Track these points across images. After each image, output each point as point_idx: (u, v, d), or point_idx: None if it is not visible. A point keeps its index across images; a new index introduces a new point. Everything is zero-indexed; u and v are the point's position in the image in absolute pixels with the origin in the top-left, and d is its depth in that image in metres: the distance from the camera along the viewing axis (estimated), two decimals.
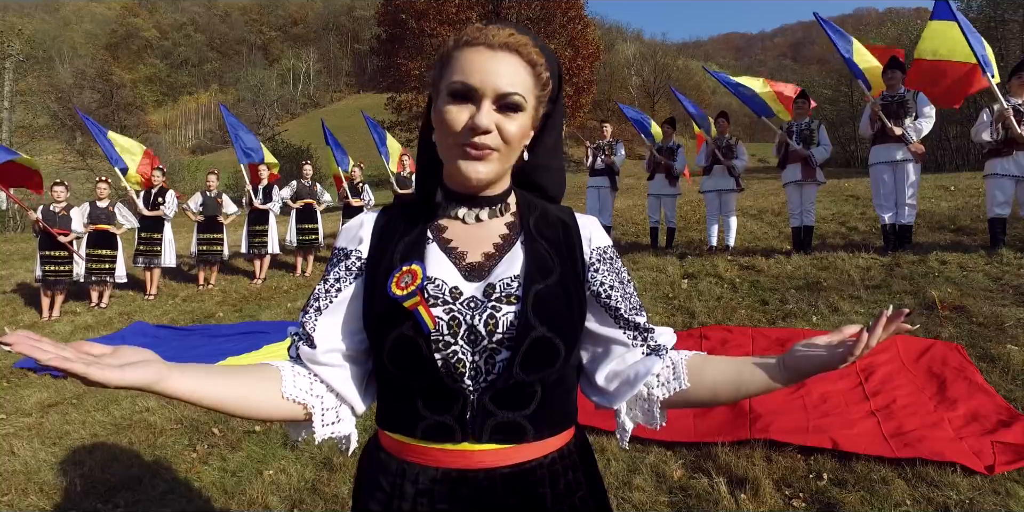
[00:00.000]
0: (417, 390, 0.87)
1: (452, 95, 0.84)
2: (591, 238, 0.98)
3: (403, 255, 0.91)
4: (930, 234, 6.70)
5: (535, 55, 0.86)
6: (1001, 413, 2.91)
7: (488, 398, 0.86)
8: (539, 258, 0.91)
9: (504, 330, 0.85)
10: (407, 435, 0.89)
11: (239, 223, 9.10)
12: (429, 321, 0.84)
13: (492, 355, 0.85)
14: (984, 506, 2.31)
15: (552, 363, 0.87)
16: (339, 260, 0.95)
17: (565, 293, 0.90)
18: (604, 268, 0.96)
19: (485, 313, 0.85)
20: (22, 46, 30.33)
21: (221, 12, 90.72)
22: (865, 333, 0.82)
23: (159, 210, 7.96)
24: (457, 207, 0.94)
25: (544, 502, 0.89)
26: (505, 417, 0.86)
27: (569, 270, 0.93)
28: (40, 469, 3.28)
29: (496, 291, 0.87)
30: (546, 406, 0.89)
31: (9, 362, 5.42)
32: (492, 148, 0.84)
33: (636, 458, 2.87)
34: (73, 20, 78.41)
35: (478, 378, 0.85)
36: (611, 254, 0.99)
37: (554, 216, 0.99)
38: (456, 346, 0.85)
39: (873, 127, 6.11)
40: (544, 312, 0.86)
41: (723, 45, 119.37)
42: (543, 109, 0.92)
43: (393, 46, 27.19)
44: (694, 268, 6.22)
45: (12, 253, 12.34)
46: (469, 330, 0.85)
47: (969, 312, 4.21)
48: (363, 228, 0.96)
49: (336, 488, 2.84)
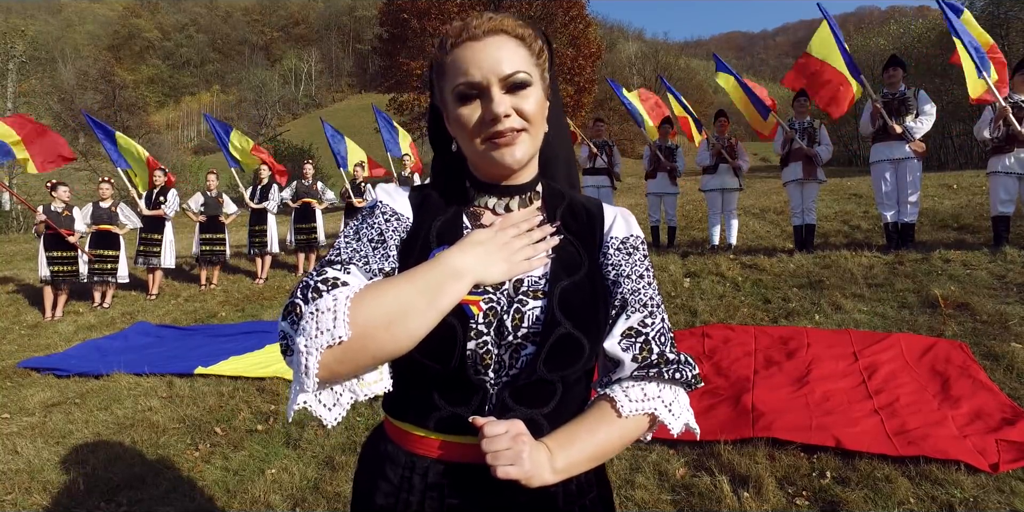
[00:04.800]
0: (436, 379, 0.85)
1: (460, 98, 0.84)
2: (611, 228, 0.95)
3: (439, 235, 0.89)
4: (933, 232, 6.68)
5: (519, 29, 0.86)
6: (1005, 411, 2.90)
7: (508, 393, 0.84)
8: (567, 253, 0.90)
9: (530, 325, 0.84)
10: (419, 426, 0.87)
11: (241, 223, 9.12)
12: (475, 307, 0.82)
13: (517, 350, 0.84)
14: (988, 504, 2.30)
15: (576, 361, 0.85)
16: (387, 218, 0.89)
17: (592, 288, 0.88)
18: (618, 258, 0.92)
19: (512, 307, 0.84)
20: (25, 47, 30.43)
21: (223, 13, 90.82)
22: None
23: (159, 209, 7.98)
24: (486, 196, 0.93)
25: (556, 502, 0.87)
26: (523, 414, 0.84)
27: (595, 263, 0.91)
28: (43, 468, 3.28)
29: (524, 285, 0.86)
30: (564, 405, 0.87)
31: (12, 362, 5.43)
32: (518, 129, 0.84)
33: (638, 456, 2.87)
34: (75, 21, 78.56)
35: (500, 372, 0.84)
36: (632, 245, 0.94)
37: (580, 206, 0.97)
38: (487, 337, 0.83)
39: (874, 125, 6.09)
40: (570, 308, 0.84)
41: (725, 44, 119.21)
42: (548, 75, 0.91)
43: (395, 46, 27.17)
44: (696, 267, 6.21)
45: (15, 253, 12.38)
46: (500, 322, 0.84)
47: (973, 310, 4.20)
48: (401, 195, 0.94)
49: (338, 487, 2.84)
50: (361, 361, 0.75)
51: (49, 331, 6.61)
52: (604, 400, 0.86)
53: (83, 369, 4.90)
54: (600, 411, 0.85)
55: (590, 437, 0.82)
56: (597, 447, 0.82)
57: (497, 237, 0.86)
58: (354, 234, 0.87)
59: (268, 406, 3.91)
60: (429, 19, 24.48)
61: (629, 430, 0.85)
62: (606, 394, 0.87)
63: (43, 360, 5.36)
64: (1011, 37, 21.54)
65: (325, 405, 0.77)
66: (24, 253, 11.94)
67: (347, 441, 3.30)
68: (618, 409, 0.83)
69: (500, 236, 0.86)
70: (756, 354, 3.86)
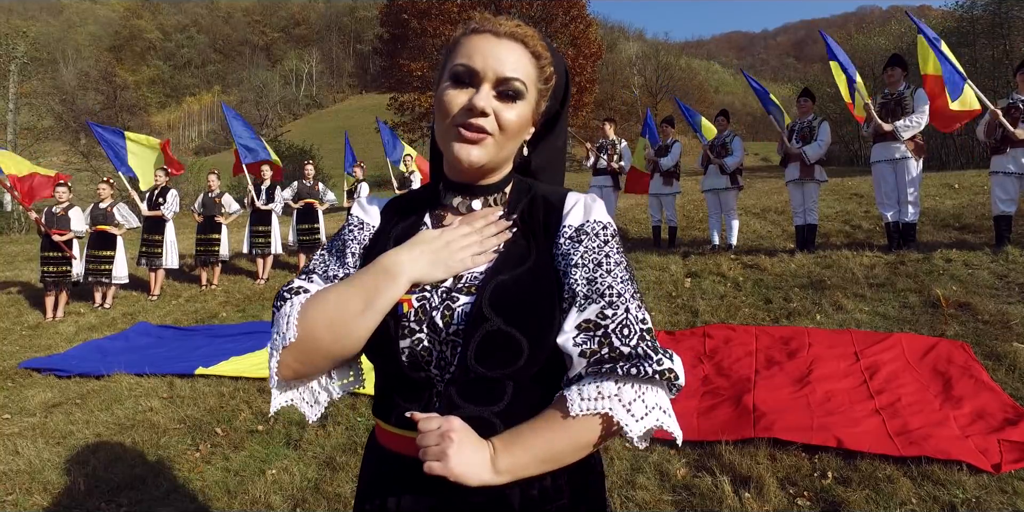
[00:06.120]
0: (389, 377, 0.88)
1: (454, 78, 0.85)
2: (566, 216, 0.89)
3: (397, 238, 0.92)
4: (935, 232, 6.67)
5: (540, 48, 0.88)
6: (1007, 411, 2.90)
7: (455, 391, 0.83)
8: (516, 247, 0.88)
9: (457, 321, 0.82)
10: (385, 422, 0.89)
11: (241, 223, 9.11)
12: (406, 305, 0.84)
13: (453, 347, 0.83)
14: (991, 505, 2.29)
15: (514, 359, 0.80)
16: (351, 228, 0.98)
17: (535, 282, 0.83)
18: (569, 246, 0.86)
19: (443, 304, 0.83)
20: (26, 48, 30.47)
21: (224, 13, 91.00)
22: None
23: (159, 210, 7.98)
24: (453, 196, 0.95)
25: (509, 502, 0.83)
26: (472, 411, 0.81)
27: (546, 256, 0.87)
28: (44, 468, 3.28)
29: (461, 281, 0.85)
30: (519, 404, 0.82)
31: (13, 362, 5.44)
32: (487, 132, 0.84)
33: (639, 457, 2.86)
34: (77, 22, 78.71)
35: (444, 369, 0.83)
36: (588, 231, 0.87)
37: (541, 199, 0.93)
38: (421, 334, 0.83)
39: (870, 125, 6.10)
40: (502, 303, 0.81)
41: (725, 44, 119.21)
42: (545, 103, 0.92)
43: (396, 46, 27.24)
44: (697, 267, 6.21)
45: (17, 254, 12.39)
46: (431, 319, 0.84)
47: (974, 310, 4.19)
48: (373, 206, 1.01)
49: (339, 487, 2.84)
50: (315, 360, 0.83)
51: (50, 332, 6.62)
52: (559, 400, 0.79)
53: (84, 370, 4.90)
54: (550, 411, 0.78)
55: (535, 437, 0.76)
56: (544, 448, 0.76)
57: (442, 236, 0.88)
58: (327, 247, 0.97)
59: (269, 407, 3.91)
60: (430, 20, 24.52)
61: (579, 432, 0.76)
62: (561, 393, 0.79)
63: (44, 361, 5.36)
64: (1011, 37, 21.49)
65: (307, 402, 0.89)
66: (26, 254, 11.95)
67: (348, 442, 3.30)
68: (567, 408, 0.75)
69: (445, 235, 0.88)
70: (757, 354, 3.85)
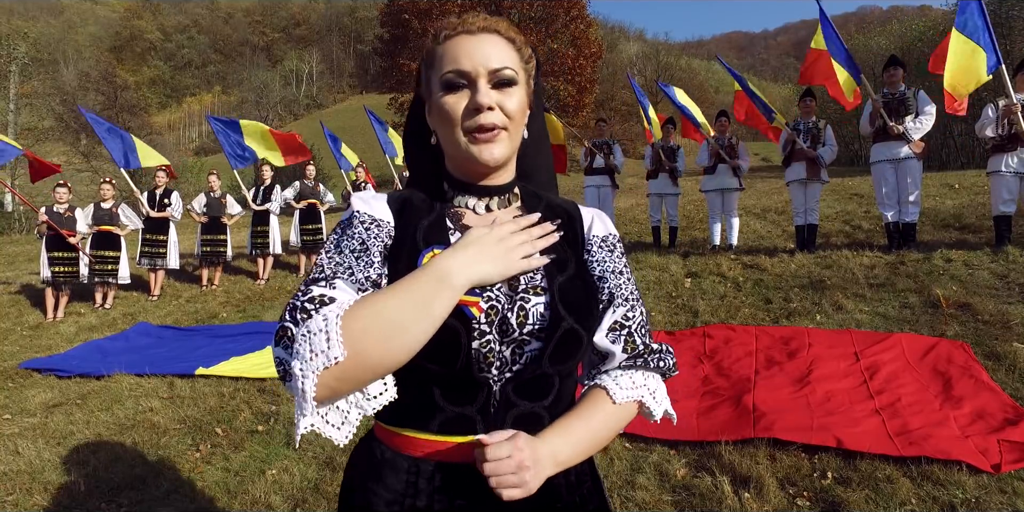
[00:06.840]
0: (439, 381, 0.84)
1: (447, 86, 0.85)
2: (591, 227, 0.98)
3: (426, 238, 0.88)
4: (935, 232, 6.66)
5: (512, 32, 0.89)
6: (1007, 411, 2.90)
7: (511, 389, 0.85)
8: (554, 250, 0.91)
9: (535, 321, 0.84)
10: (421, 430, 0.86)
11: (243, 224, 9.11)
12: (474, 308, 0.82)
13: (520, 346, 0.84)
14: (990, 505, 2.29)
15: (575, 354, 0.87)
16: (367, 226, 0.87)
17: (584, 284, 0.91)
18: (602, 255, 0.96)
19: (516, 305, 0.85)
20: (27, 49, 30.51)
21: (224, 14, 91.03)
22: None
23: (165, 212, 7.99)
24: (465, 196, 0.93)
25: (560, 491, 0.88)
26: (526, 408, 0.86)
27: (581, 261, 0.94)
28: (44, 469, 3.29)
29: (521, 283, 0.87)
30: (561, 396, 0.90)
31: (13, 363, 5.44)
32: (500, 126, 0.85)
33: (639, 457, 2.86)
34: (77, 22, 78.73)
35: (503, 369, 0.84)
36: (612, 243, 0.98)
37: (559, 208, 0.99)
38: (491, 335, 0.83)
39: (873, 125, 6.09)
40: (569, 304, 0.86)
41: (726, 44, 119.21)
42: (533, 84, 0.94)
43: (396, 46, 27.25)
44: (697, 267, 6.21)
45: (17, 255, 12.41)
46: (502, 320, 0.84)
47: (974, 310, 4.19)
48: (379, 201, 0.92)
49: (339, 488, 2.84)
50: (362, 377, 0.73)
51: (51, 332, 6.62)
52: (597, 390, 0.90)
53: (84, 370, 4.90)
54: (594, 401, 0.89)
55: (585, 428, 0.86)
56: (594, 436, 0.86)
57: (492, 234, 0.84)
58: (335, 248, 0.85)
59: (269, 407, 3.91)
60: (430, 20, 24.52)
61: (620, 417, 0.89)
62: (597, 384, 0.91)
63: (44, 361, 5.37)
64: (1012, 37, 21.50)
65: (333, 425, 0.77)
66: (26, 254, 11.96)
67: (348, 442, 3.30)
68: (612, 397, 0.88)
69: (495, 233, 0.84)
70: (757, 354, 3.85)
